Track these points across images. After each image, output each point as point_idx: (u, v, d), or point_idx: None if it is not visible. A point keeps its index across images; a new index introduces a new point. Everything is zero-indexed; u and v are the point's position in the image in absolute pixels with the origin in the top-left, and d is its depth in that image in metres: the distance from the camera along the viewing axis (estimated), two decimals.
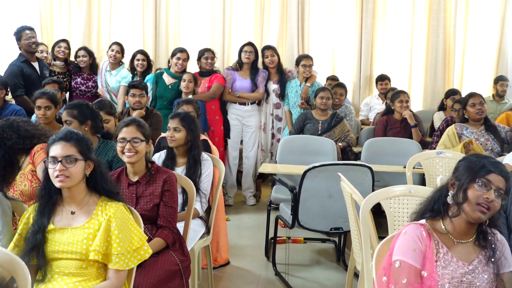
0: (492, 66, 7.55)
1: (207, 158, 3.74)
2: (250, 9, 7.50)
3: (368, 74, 7.54)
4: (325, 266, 4.62)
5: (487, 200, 2.06)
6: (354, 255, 3.41)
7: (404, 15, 7.56)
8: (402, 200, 3.01)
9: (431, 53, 7.54)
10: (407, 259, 2.09)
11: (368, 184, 3.94)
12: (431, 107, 7.37)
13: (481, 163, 2.12)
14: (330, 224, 4.05)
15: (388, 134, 5.60)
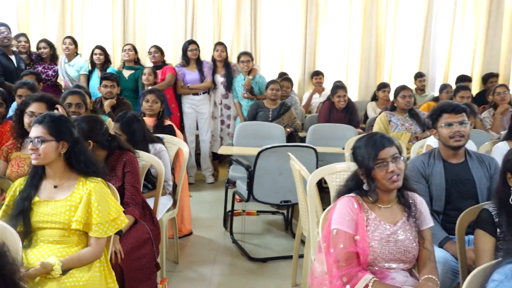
0: (416, 62, 7.76)
1: (162, 148, 3.63)
2: (208, 10, 7.45)
3: (311, 70, 7.63)
4: (275, 234, 4.71)
5: (392, 172, 2.14)
6: (302, 223, 3.48)
7: (343, 18, 7.67)
8: (343, 175, 3.05)
9: (365, 51, 7.68)
10: (342, 227, 2.15)
11: (312, 163, 4.01)
12: (364, 98, 7.51)
13: (368, 150, 2.18)
14: (280, 198, 4.14)
15: (331, 120, 5.71)
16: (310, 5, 7.54)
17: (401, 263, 2.18)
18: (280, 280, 3.72)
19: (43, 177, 2.44)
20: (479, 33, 7.71)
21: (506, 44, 7.72)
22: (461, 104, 2.94)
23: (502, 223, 2.13)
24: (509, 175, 2.17)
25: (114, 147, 3.04)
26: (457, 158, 2.85)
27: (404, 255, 2.17)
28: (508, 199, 2.15)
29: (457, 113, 2.80)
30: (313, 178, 3.01)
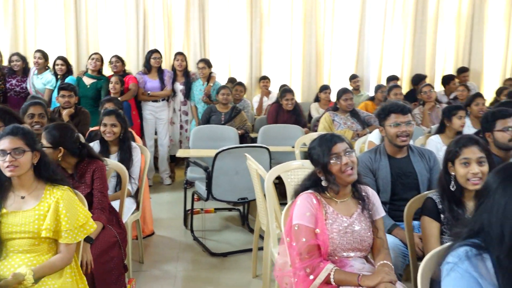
0: (352, 65, 7.90)
1: (136, 146, 3.66)
2: (158, 19, 7.31)
3: (258, 75, 7.62)
4: (233, 230, 4.69)
5: (346, 165, 2.16)
6: (260, 218, 3.47)
7: (285, 27, 7.70)
8: (297, 172, 3.11)
9: (306, 56, 7.75)
10: (303, 222, 2.15)
11: (266, 162, 4.02)
12: (307, 100, 7.58)
13: (321, 148, 2.19)
14: (237, 195, 4.12)
15: (278, 121, 5.74)
16: (255, 15, 7.54)
17: (358, 252, 2.21)
18: (242, 272, 3.71)
19: (9, 189, 2.32)
20: (407, 38, 7.96)
21: (430, 47, 8.01)
22: (407, 105, 2.97)
23: (445, 209, 2.20)
24: (450, 164, 2.24)
25: (84, 154, 2.93)
26: (401, 153, 2.91)
27: (360, 244, 2.20)
28: (449, 186, 2.22)
29: (404, 114, 2.84)
30: (270, 176, 3.01)
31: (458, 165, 2.21)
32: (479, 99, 5.00)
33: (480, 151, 2.21)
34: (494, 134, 2.88)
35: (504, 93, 6.03)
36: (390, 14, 7.91)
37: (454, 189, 2.21)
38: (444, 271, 1.53)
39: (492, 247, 1.47)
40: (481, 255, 1.48)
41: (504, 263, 1.43)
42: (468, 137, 2.29)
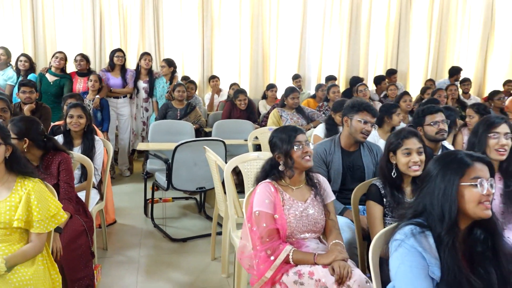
0: (295, 66, 8.02)
1: (98, 139, 3.56)
2: (115, 19, 7.10)
3: (209, 74, 7.57)
4: (191, 217, 4.65)
5: (306, 152, 2.23)
6: (218, 205, 3.48)
7: (234, 29, 7.68)
8: (253, 163, 3.15)
9: (253, 57, 7.77)
10: (263, 208, 2.18)
11: (222, 154, 4.01)
12: (255, 97, 7.59)
13: (287, 135, 2.26)
14: (196, 185, 4.10)
15: (232, 117, 5.75)
16: (206, 19, 7.47)
17: (312, 233, 2.26)
18: (201, 256, 3.70)
19: None
20: (343, 42, 8.16)
21: (363, 50, 8.25)
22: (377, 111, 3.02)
23: (387, 194, 2.29)
24: (391, 154, 2.34)
25: (50, 147, 2.82)
26: (354, 147, 2.96)
27: (314, 226, 2.25)
28: (391, 173, 2.32)
29: (373, 116, 2.90)
30: (229, 166, 3.02)
31: (400, 154, 2.31)
32: (406, 96, 5.27)
33: (419, 142, 2.32)
34: (424, 128, 3.01)
35: (427, 92, 6.32)
36: (328, 21, 8.07)
37: (395, 176, 2.31)
38: (392, 247, 1.61)
39: (434, 225, 1.56)
40: (424, 232, 1.57)
41: (445, 239, 1.53)
42: (408, 130, 2.40)
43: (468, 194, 1.55)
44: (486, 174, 1.58)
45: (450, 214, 1.54)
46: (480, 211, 1.55)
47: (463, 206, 1.56)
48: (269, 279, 2.09)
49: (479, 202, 1.55)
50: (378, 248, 1.77)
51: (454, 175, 1.57)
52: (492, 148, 2.30)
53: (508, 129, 2.34)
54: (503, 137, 2.30)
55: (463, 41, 8.73)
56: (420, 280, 1.50)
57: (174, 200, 5.04)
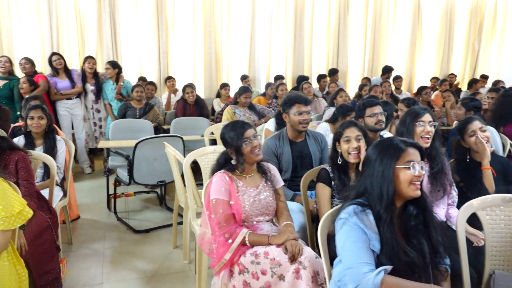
0: (246, 66, 8.06)
1: (60, 138, 3.42)
2: (72, 24, 6.83)
3: (165, 75, 7.46)
4: (152, 209, 4.58)
5: (255, 147, 2.25)
6: (178, 197, 3.45)
7: (188, 33, 7.59)
8: (210, 156, 3.14)
9: (207, 58, 7.72)
10: (219, 196, 2.19)
11: (180, 149, 3.95)
12: (210, 96, 7.58)
13: (235, 132, 2.25)
14: (156, 179, 4.04)
15: (186, 114, 5.69)
16: (161, 23, 7.33)
17: (265, 216, 2.29)
18: (163, 245, 3.66)
19: None
20: (289, 44, 8.25)
21: (308, 51, 8.39)
22: (308, 98, 3.04)
23: (335, 177, 2.36)
24: (337, 143, 2.41)
25: (5, 147, 2.68)
26: (300, 137, 3.01)
27: (267, 209, 2.28)
28: (337, 160, 2.39)
29: (306, 105, 2.93)
30: (188, 160, 2.99)
31: (342, 142, 2.38)
32: (342, 92, 5.45)
33: (357, 131, 2.41)
34: (365, 120, 3.11)
35: (364, 88, 6.53)
36: (275, 24, 8.14)
37: (340, 162, 2.39)
38: (337, 225, 1.66)
39: (373, 204, 1.63)
40: (365, 211, 1.63)
41: (383, 216, 1.60)
42: (349, 121, 2.49)
43: (402, 175, 1.63)
44: (417, 158, 1.67)
45: (388, 193, 1.61)
46: (411, 191, 1.63)
47: (398, 186, 1.64)
48: (228, 260, 2.11)
49: (410, 183, 1.63)
50: (326, 227, 1.82)
51: (390, 159, 1.64)
52: (419, 135, 2.41)
53: (431, 118, 2.47)
54: (427, 125, 2.43)
55: (394, 42, 9.08)
56: (363, 253, 1.56)
57: (136, 194, 4.94)
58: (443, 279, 1.71)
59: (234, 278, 2.12)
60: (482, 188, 2.44)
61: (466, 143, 2.60)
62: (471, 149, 2.60)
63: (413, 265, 1.58)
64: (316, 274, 1.95)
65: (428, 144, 2.41)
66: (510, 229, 1.95)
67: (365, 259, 1.56)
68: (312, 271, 1.94)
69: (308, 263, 1.95)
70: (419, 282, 1.56)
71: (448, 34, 9.38)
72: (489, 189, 2.44)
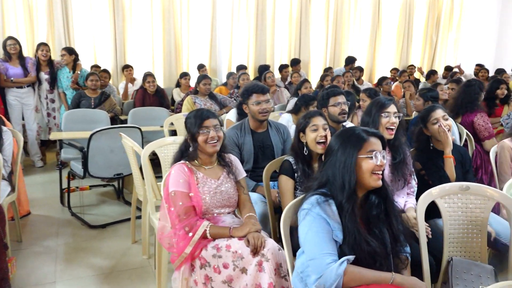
0: (207, 55, 7.95)
1: (7, 129, 3.24)
2: (19, 6, 6.47)
3: (123, 63, 7.24)
4: (109, 204, 4.45)
5: (212, 138, 2.20)
6: (136, 190, 3.36)
7: (146, 20, 7.40)
8: (170, 147, 3.07)
9: (166, 47, 7.56)
10: (178, 188, 2.13)
11: (139, 141, 3.84)
12: (169, 85, 7.43)
13: (195, 119, 2.22)
14: (113, 172, 3.92)
15: (145, 104, 5.56)
16: (117, 9, 7.08)
17: (227, 208, 2.26)
18: (121, 240, 3.57)
19: None
20: (251, 33, 8.21)
21: (270, 41, 8.38)
22: (266, 86, 3.02)
23: (298, 169, 2.35)
24: (302, 134, 2.40)
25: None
26: (261, 128, 2.99)
27: (228, 201, 2.25)
28: (302, 151, 2.38)
29: (264, 94, 2.91)
30: (146, 151, 2.92)
31: (308, 131, 2.37)
32: (307, 83, 5.48)
33: (324, 120, 2.41)
34: (328, 109, 3.12)
35: (326, 79, 6.59)
36: (237, 13, 8.06)
37: (306, 153, 2.38)
38: (300, 216, 1.66)
39: (336, 194, 1.64)
40: (328, 201, 1.63)
41: (345, 206, 1.60)
42: (314, 111, 2.49)
43: (364, 165, 1.64)
44: (379, 147, 1.68)
45: (350, 183, 1.62)
46: (373, 181, 1.64)
47: (360, 176, 1.65)
48: (188, 254, 2.06)
49: (372, 173, 1.64)
50: (289, 218, 1.81)
51: (353, 148, 1.65)
52: (384, 126, 2.44)
53: (395, 109, 2.50)
54: (392, 116, 2.46)
55: (355, 33, 9.23)
56: (325, 243, 1.56)
57: (92, 188, 4.79)
58: (403, 267, 1.75)
59: (195, 273, 2.08)
60: (444, 176, 2.51)
61: (429, 131, 2.66)
62: (433, 138, 2.66)
63: (374, 254, 1.60)
64: (279, 266, 1.94)
65: (393, 135, 2.45)
66: (467, 217, 2.02)
67: (327, 249, 1.56)
68: (275, 264, 1.93)
69: (271, 255, 1.94)
70: (380, 271, 1.59)
71: (407, 26, 9.63)
72: (450, 177, 2.50)
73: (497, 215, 2.56)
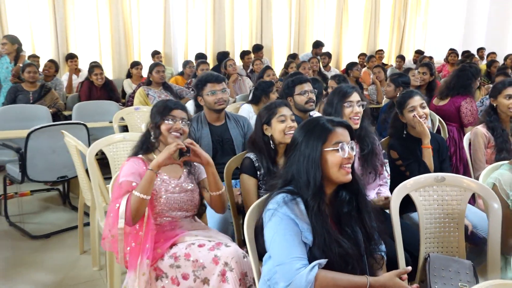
0: (160, 43, 7.81)
1: None
2: None
3: (65, 52, 6.97)
4: (54, 210, 4.26)
5: (176, 129, 2.12)
6: (83, 194, 3.21)
7: (90, 6, 7.16)
8: (119, 145, 2.96)
9: (114, 34, 7.38)
10: (127, 178, 2.00)
11: (84, 138, 3.69)
12: (119, 76, 7.26)
13: (163, 106, 2.15)
14: (56, 174, 3.75)
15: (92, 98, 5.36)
16: None
17: (184, 212, 2.17)
18: (69, 250, 3.41)
19: None
20: (208, 18, 8.11)
21: (229, 26, 8.31)
22: (220, 75, 2.98)
23: (261, 166, 2.28)
24: (266, 126, 2.33)
25: None
26: (219, 121, 2.93)
27: (187, 204, 2.16)
28: (268, 146, 2.31)
29: (219, 82, 2.86)
30: (92, 150, 2.79)
31: (275, 123, 2.29)
32: (269, 71, 5.45)
33: (290, 110, 2.36)
34: (294, 98, 3.08)
35: (291, 66, 6.57)
36: None
37: (274, 147, 2.31)
38: (266, 217, 1.60)
39: (302, 191, 1.59)
40: (295, 199, 1.58)
41: (311, 204, 1.56)
42: (280, 101, 2.43)
43: (331, 158, 1.60)
44: (346, 138, 1.64)
45: (315, 179, 1.57)
46: (341, 176, 1.60)
47: (327, 171, 1.61)
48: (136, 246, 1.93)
49: (340, 166, 1.60)
50: (253, 220, 1.75)
51: (317, 141, 1.60)
52: (347, 116, 2.42)
53: (359, 97, 2.48)
54: (356, 105, 2.44)
55: (320, 17, 9.29)
56: (294, 247, 1.51)
57: (33, 193, 4.57)
58: (378, 268, 1.73)
59: (151, 285, 1.98)
60: (423, 166, 2.52)
61: (404, 118, 2.66)
62: (409, 125, 2.67)
63: (347, 256, 1.56)
64: (244, 276, 1.88)
65: (358, 125, 2.43)
66: (443, 210, 2.02)
67: (297, 253, 1.51)
68: (240, 273, 1.87)
69: (235, 264, 1.87)
70: (354, 273, 1.55)
71: (374, 8, 9.78)
72: (429, 167, 2.52)
73: (473, 205, 2.61)
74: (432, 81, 4.63)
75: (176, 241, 2.04)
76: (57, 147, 3.57)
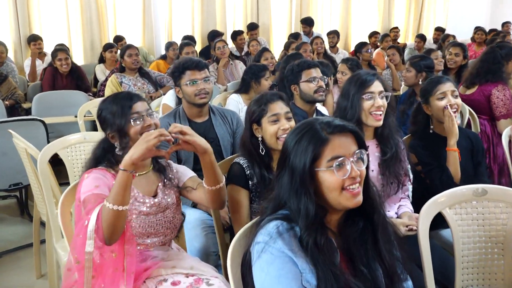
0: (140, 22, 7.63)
1: None
2: None
3: (27, 34, 6.72)
4: (9, 222, 4.06)
5: (149, 126, 1.86)
6: (38, 206, 3.01)
7: None
8: (79, 147, 2.76)
9: (85, 12, 7.19)
10: (93, 191, 1.73)
11: (42, 137, 3.56)
12: (91, 61, 7.07)
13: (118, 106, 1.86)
14: (8, 182, 3.59)
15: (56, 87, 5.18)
16: None
17: (161, 237, 1.92)
18: (23, 273, 3.22)
19: None
20: None
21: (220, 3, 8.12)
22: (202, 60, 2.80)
23: (254, 175, 2.04)
24: (255, 126, 2.08)
25: None
26: (201, 116, 2.76)
27: (165, 226, 1.92)
28: (258, 150, 2.06)
29: (200, 70, 2.67)
30: (43, 155, 2.57)
31: (266, 123, 2.05)
32: (267, 53, 5.24)
33: (286, 106, 2.10)
34: (300, 86, 2.88)
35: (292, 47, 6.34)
36: None
37: (263, 153, 2.07)
38: (254, 253, 1.34)
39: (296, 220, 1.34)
40: (293, 228, 1.33)
41: (305, 239, 1.31)
42: (272, 93, 2.16)
43: (328, 180, 1.33)
44: (349, 149, 1.36)
45: (307, 208, 1.32)
46: (345, 201, 1.34)
47: (324, 196, 1.35)
48: None
49: (342, 189, 1.34)
50: (239, 254, 1.49)
51: (304, 156, 1.34)
52: (367, 111, 2.18)
53: (382, 87, 2.24)
54: (378, 97, 2.20)
55: None
56: None
57: None
58: None
59: None
60: (445, 173, 2.34)
61: (430, 109, 2.48)
62: (434, 118, 2.49)
63: None
64: None
65: (381, 122, 2.18)
66: (484, 232, 1.84)
67: None
68: None
69: None
70: None
71: None
72: (454, 176, 2.34)
73: None
74: (465, 64, 4.44)
75: (148, 275, 1.81)
76: (8, 149, 3.35)
